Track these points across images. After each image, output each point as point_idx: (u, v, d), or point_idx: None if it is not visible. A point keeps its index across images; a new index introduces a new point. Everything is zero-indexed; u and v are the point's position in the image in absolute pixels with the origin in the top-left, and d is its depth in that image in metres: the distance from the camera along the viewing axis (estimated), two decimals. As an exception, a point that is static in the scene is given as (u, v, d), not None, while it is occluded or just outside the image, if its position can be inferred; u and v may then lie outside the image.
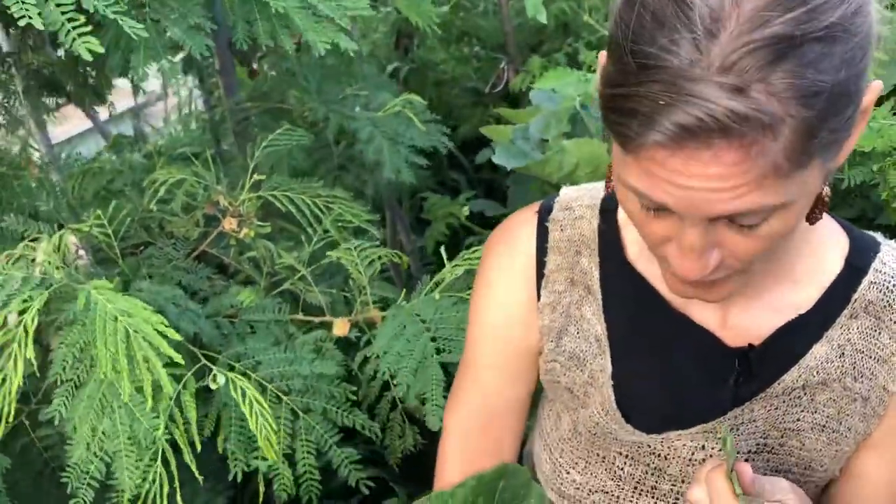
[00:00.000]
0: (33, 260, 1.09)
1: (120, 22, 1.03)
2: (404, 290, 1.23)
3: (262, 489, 1.27)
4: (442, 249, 1.28)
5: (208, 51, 1.31)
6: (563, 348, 1.07)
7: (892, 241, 1.02)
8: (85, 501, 1.06)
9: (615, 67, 0.74)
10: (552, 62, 2.92)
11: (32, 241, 1.21)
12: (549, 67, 2.84)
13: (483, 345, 1.11)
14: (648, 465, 1.05)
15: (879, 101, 1.62)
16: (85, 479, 1.05)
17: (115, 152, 2.47)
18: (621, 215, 1.04)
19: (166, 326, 0.94)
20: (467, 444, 1.14)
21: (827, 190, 0.86)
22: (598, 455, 1.08)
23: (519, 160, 1.98)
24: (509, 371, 1.11)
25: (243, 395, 1.01)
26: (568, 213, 1.07)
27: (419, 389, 1.13)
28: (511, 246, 1.08)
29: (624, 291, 1.04)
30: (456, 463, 1.14)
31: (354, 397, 1.18)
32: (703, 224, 0.77)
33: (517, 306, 1.08)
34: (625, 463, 1.06)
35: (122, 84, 2.54)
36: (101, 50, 0.97)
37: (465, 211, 2.89)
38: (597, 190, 1.08)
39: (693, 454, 1.02)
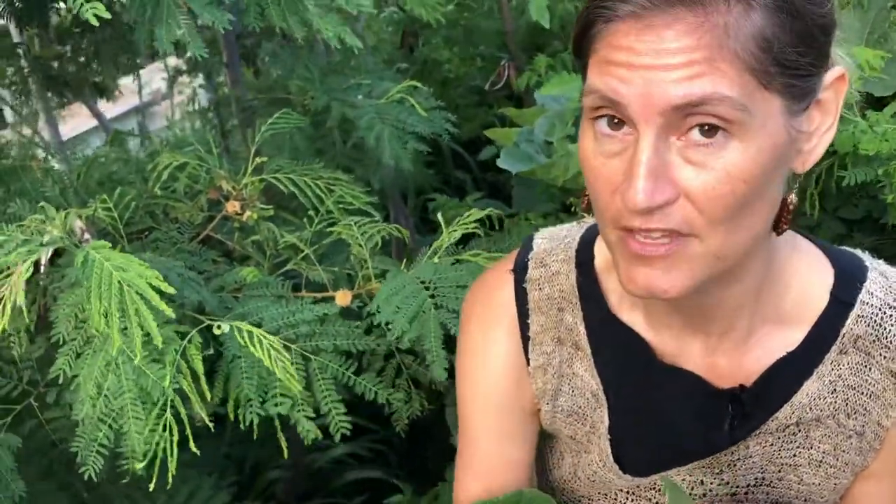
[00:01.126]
0: (40, 233, 1.11)
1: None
2: (405, 259, 1.24)
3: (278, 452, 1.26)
4: (439, 215, 1.29)
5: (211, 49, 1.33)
6: (560, 407, 1.06)
7: (880, 261, 0.99)
8: (95, 469, 1.07)
9: None
10: (558, 61, 2.93)
11: (41, 222, 1.23)
12: (554, 66, 2.85)
13: (476, 413, 1.09)
14: (650, 500, 1.05)
15: (883, 105, 1.61)
16: (94, 447, 1.06)
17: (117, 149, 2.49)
18: (598, 264, 1.02)
19: (161, 280, 0.95)
20: None
21: (794, 198, 0.85)
22: (600, 492, 1.08)
23: (524, 164, 1.98)
24: (508, 434, 1.09)
25: (251, 339, 1.01)
26: (544, 270, 1.04)
27: (414, 336, 1.13)
28: (491, 312, 1.06)
29: (611, 342, 1.02)
30: None
31: (359, 329, 1.18)
32: (655, 132, 0.75)
33: (505, 372, 1.06)
34: (627, 498, 1.06)
35: (126, 82, 2.57)
36: (108, 15, 0.98)
37: (474, 212, 2.91)
38: (570, 238, 1.06)
39: (692, 489, 1.02)
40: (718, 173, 0.74)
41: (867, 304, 0.94)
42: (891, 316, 0.93)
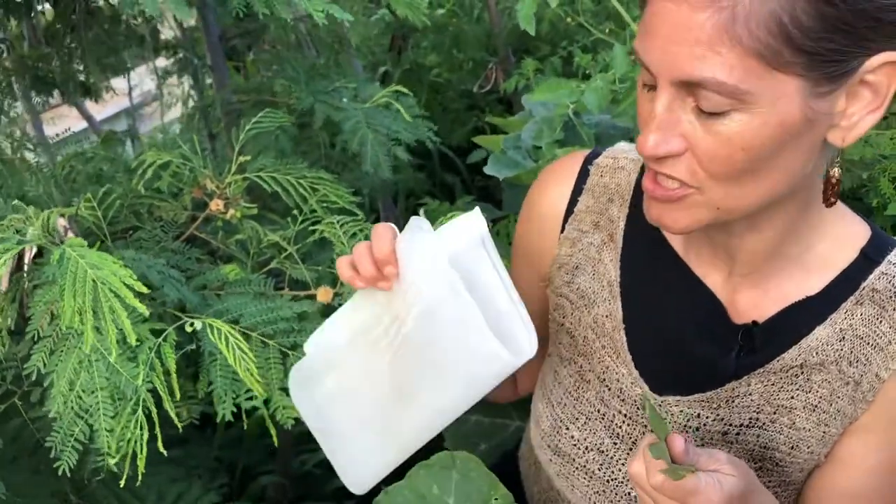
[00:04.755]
0: (17, 231, 1.10)
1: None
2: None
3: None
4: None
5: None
6: (577, 285, 1.12)
7: None
8: (69, 464, 1.07)
9: None
10: (546, 65, 2.93)
11: (22, 221, 1.22)
12: (542, 70, 2.86)
13: (514, 246, 1.23)
14: (646, 426, 1.08)
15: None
16: (70, 441, 1.06)
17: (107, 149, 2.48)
18: None
19: (134, 280, 0.95)
20: None
21: (836, 171, 0.89)
22: (599, 411, 1.11)
23: (510, 169, 2.00)
24: (523, 274, 1.20)
25: (220, 336, 1.02)
26: (612, 161, 1.12)
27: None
28: (554, 178, 1.16)
29: (645, 247, 1.08)
30: None
31: None
32: (671, 93, 0.81)
33: (542, 230, 1.16)
34: (623, 421, 1.09)
35: (116, 84, 2.57)
36: None
37: (464, 216, 2.91)
38: None
39: (688, 421, 1.05)
40: (720, 138, 0.80)
41: (893, 263, 0.99)
42: None
